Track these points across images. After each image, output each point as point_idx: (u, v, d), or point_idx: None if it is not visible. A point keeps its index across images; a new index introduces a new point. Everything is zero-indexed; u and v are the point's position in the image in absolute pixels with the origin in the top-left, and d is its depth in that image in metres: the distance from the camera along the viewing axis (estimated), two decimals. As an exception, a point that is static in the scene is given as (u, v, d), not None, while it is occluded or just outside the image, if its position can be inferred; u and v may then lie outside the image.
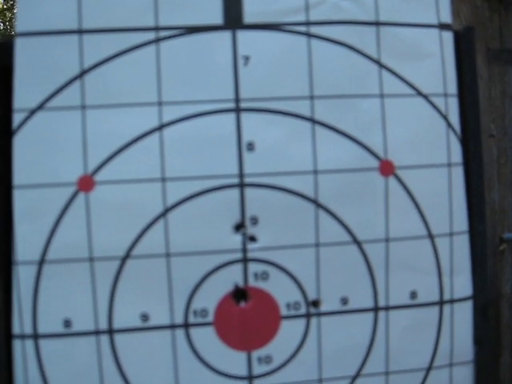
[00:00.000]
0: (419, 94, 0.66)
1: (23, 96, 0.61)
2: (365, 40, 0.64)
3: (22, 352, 0.62)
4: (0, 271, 0.62)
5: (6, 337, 0.62)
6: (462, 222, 0.68)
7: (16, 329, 0.62)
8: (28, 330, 0.62)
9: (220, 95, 0.62)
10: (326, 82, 0.63)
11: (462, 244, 0.68)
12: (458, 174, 0.68)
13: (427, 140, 0.66)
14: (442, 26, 0.68)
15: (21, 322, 0.62)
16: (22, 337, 0.62)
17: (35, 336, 0.62)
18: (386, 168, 0.65)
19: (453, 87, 0.68)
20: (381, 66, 0.65)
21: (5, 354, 0.63)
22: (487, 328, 0.71)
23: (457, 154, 0.68)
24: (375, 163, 0.65)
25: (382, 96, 0.65)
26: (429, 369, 0.68)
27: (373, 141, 0.64)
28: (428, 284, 0.67)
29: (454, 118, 0.68)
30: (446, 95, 0.67)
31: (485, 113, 0.97)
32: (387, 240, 0.65)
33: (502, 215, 1.05)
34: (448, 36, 0.68)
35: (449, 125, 0.67)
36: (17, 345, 0.62)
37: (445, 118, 0.67)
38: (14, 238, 0.61)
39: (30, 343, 0.62)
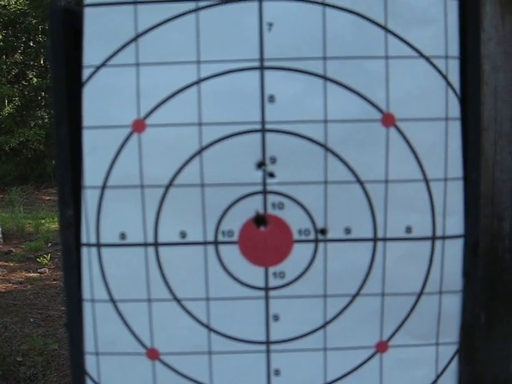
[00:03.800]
0: (421, 55, 0.76)
1: (90, 55, 0.76)
2: (373, 8, 0.74)
3: (88, 257, 0.79)
4: (71, 193, 0.79)
5: (76, 245, 0.80)
6: (457, 169, 0.79)
7: (84, 238, 0.79)
8: (93, 239, 0.78)
9: (247, 55, 0.75)
10: (337, 45, 0.74)
11: (457, 188, 0.79)
12: (455, 127, 0.78)
13: (427, 97, 0.77)
14: None
15: (87, 234, 0.78)
16: (88, 245, 0.79)
17: (98, 245, 0.78)
18: (388, 120, 0.76)
19: (454, 50, 0.77)
20: (387, 31, 0.75)
21: (75, 259, 0.80)
22: (476, 264, 0.82)
23: (455, 110, 0.78)
24: (378, 115, 0.76)
25: (386, 57, 0.75)
26: (420, 294, 0.80)
27: (376, 96, 0.75)
28: (422, 221, 0.79)
29: (454, 78, 0.77)
30: (447, 57, 0.77)
31: (499, 70, 1.04)
32: (386, 181, 0.77)
33: None
34: (453, 3, 0.77)
35: (448, 83, 0.77)
36: (84, 251, 0.79)
37: (445, 77, 0.77)
38: (82, 168, 0.78)
39: (94, 250, 0.79)
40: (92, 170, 0.77)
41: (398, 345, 0.81)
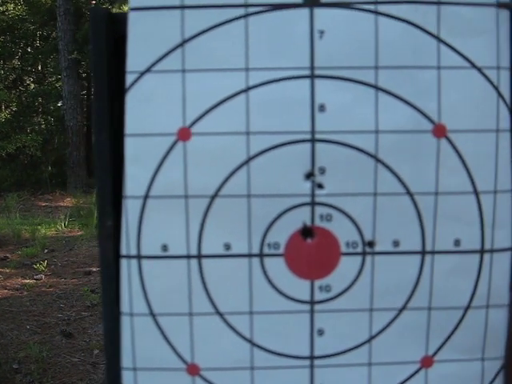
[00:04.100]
0: (473, 66, 0.74)
1: (134, 60, 0.74)
2: (426, 17, 0.73)
3: (127, 270, 0.77)
4: (111, 203, 0.77)
5: (115, 256, 0.77)
6: (506, 181, 0.77)
7: (123, 250, 0.76)
8: (133, 251, 0.76)
9: (298, 63, 0.73)
10: (389, 54, 0.73)
11: (505, 201, 0.77)
12: (506, 139, 0.76)
13: (478, 108, 0.75)
14: (500, 5, 0.75)
15: (127, 245, 0.76)
16: (128, 257, 0.76)
17: (139, 257, 0.76)
18: (439, 131, 0.74)
19: (506, 61, 0.76)
20: (439, 40, 0.73)
21: (114, 271, 0.77)
22: (523, 277, 0.80)
23: (505, 121, 0.76)
24: (429, 126, 0.74)
25: (438, 68, 0.74)
26: (467, 308, 0.78)
27: (428, 107, 0.74)
28: (471, 234, 0.77)
29: (505, 89, 0.76)
30: (498, 68, 0.75)
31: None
32: (436, 193, 0.75)
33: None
34: (505, 14, 0.75)
35: (499, 94, 0.75)
36: (124, 263, 0.77)
37: (496, 88, 0.75)
38: (124, 176, 0.75)
39: (134, 262, 0.76)
40: (134, 179, 0.75)
41: (443, 360, 0.79)
